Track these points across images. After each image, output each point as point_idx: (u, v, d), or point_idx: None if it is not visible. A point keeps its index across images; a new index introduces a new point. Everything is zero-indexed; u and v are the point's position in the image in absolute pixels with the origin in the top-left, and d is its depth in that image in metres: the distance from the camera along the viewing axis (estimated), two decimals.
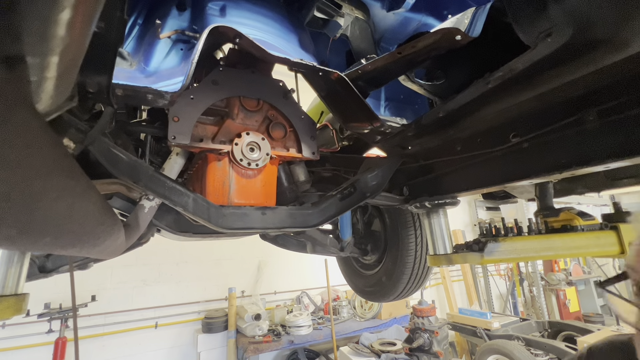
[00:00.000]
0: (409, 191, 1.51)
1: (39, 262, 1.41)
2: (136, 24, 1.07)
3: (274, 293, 5.43)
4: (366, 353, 4.23)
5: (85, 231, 0.62)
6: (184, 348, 4.63)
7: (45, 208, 0.45)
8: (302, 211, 1.28)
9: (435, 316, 4.14)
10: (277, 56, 0.97)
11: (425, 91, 1.16)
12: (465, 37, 0.84)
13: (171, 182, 1.03)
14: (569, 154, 0.89)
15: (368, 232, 2.20)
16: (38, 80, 0.45)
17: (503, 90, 0.90)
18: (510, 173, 1.05)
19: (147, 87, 0.88)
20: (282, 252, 3.27)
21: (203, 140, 1.15)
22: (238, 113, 1.20)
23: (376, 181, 1.36)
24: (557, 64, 0.77)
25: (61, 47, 0.40)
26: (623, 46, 0.66)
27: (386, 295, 2.01)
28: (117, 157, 0.95)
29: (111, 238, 0.78)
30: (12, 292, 0.99)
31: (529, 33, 0.71)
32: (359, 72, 1.08)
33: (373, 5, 1.30)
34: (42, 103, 0.52)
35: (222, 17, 1.08)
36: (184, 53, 1.05)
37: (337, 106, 1.27)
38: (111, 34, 0.60)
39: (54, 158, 0.44)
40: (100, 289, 4.22)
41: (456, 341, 5.75)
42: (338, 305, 5.24)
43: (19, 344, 3.73)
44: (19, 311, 0.98)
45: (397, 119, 1.32)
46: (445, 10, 1.33)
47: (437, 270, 6.76)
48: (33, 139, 0.39)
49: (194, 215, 1.05)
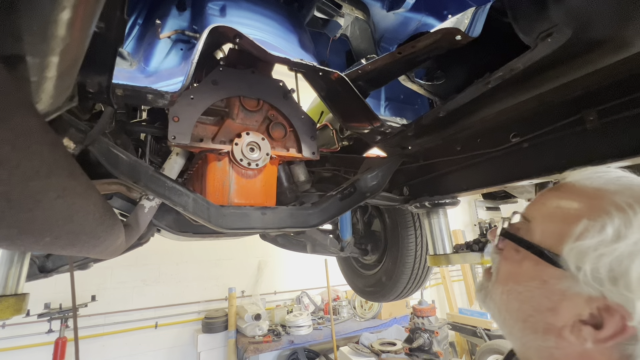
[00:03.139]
0: (409, 191, 1.51)
1: (39, 262, 1.41)
2: (136, 24, 1.07)
3: (274, 293, 5.43)
4: (366, 353, 4.23)
5: (85, 231, 0.62)
6: (184, 348, 4.62)
7: (45, 208, 0.45)
8: (302, 211, 1.28)
9: (435, 316, 4.14)
10: (277, 56, 0.97)
11: (425, 91, 1.16)
12: (465, 37, 0.84)
13: (171, 182, 1.03)
14: (569, 154, 0.89)
15: (368, 232, 2.20)
16: (38, 80, 0.45)
17: (503, 90, 0.90)
18: (510, 173, 1.05)
19: (147, 87, 0.88)
20: (282, 252, 3.27)
21: (203, 140, 1.15)
22: (238, 113, 1.20)
23: (376, 181, 1.36)
24: (557, 64, 0.77)
25: (61, 47, 0.40)
26: (623, 46, 0.67)
27: (386, 295, 2.01)
28: (117, 157, 0.95)
29: (111, 238, 0.77)
30: (12, 292, 0.99)
31: (528, 33, 0.71)
32: (359, 72, 1.08)
33: (373, 5, 1.30)
34: (42, 103, 0.52)
35: (222, 17, 1.08)
36: (184, 53, 1.05)
37: (337, 106, 1.27)
38: (111, 34, 0.60)
39: (54, 158, 0.44)
40: (100, 289, 4.21)
41: (456, 341, 5.75)
42: (338, 305, 5.24)
43: (19, 344, 3.72)
44: (19, 311, 0.98)
45: (397, 119, 1.32)
46: (445, 10, 1.33)
47: (437, 270, 6.75)
48: (33, 139, 0.39)
49: (194, 215, 1.05)
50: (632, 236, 0.44)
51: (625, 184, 0.50)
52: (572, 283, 0.47)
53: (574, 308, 0.47)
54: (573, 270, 0.46)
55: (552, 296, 0.49)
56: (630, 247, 0.43)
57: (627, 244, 0.44)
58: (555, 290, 0.49)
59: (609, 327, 0.44)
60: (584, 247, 0.46)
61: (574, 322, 0.47)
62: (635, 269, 0.42)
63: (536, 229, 0.54)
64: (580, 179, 0.54)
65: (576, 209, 0.50)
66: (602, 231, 0.45)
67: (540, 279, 0.50)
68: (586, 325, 0.45)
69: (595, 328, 0.45)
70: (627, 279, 0.42)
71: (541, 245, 0.51)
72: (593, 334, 0.45)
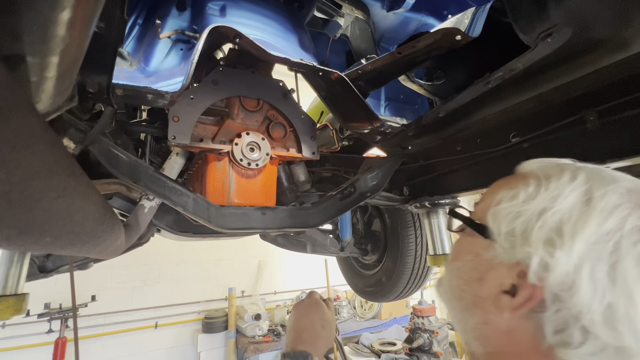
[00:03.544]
0: (409, 191, 1.51)
1: (39, 262, 1.41)
2: (136, 24, 1.07)
3: (274, 293, 5.43)
4: (366, 353, 4.23)
5: (85, 231, 0.62)
6: (184, 348, 4.62)
7: (45, 208, 0.45)
8: (302, 211, 1.28)
9: (435, 316, 4.14)
10: (277, 56, 0.97)
11: (425, 91, 1.16)
12: (465, 37, 0.84)
13: (171, 182, 1.03)
14: (569, 154, 0.88)
15: (368, 232, 2.20)
16: (38, 80, 0.45)
17: (503, 90, 0.90)
18: (510, 173, 1.04)
19: (147, 87, 0.88)
20: (282, 252, 3.27)
21: (203, 140, 1.15)
22: (238, 113, 1.20)
23: (376, 181, 1.36)
24: (557, 64, 0.77)
25: (61, 47, 0.40)
26: (623, 46, 0.67)
27: (386, 295, 2.01)
28: (117, 157, 0.95)
29: (111, 238, 0.77)
30: (12, 292, 0.99)
31: (528, 33, 0.71)
32: (359, 72, 1.08)
33: (373, 5, 1.30)
34: (42, 103, 0.52)
35: (222, 17, 1.08)
36: (184, 53, 1.05)
37: (337, 106, 1.27)
38: (111, 34, 0.60)
39: (54, 158, 0.44)
40: (100, 289, 4.21)
41: (456, 341, 5.75)
42: (338, 305, 5.24)
43: (19, 344, 3.72)
44: (19, 311, 0.98)
45: (397, 119, 1.32)
46: (445, 10, 1.32)
47: (437, 270, 6.75)
48: (33, 139, 0.39)
49: (194, 215, 1.05)
50: (541, 197, 0.45)
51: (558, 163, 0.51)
52: (497, 252, 0.47)
53: (497, 278, 0.46)
54: (496, 237, 0.47)
55: (480, 267, 0.49)
56: (541, 206, 0.44)
57: (537, 204, 0.44)
58: (483, 260, 0.49)
59: (521, 294, 0.43)
60: (499, 210, 0.48)
61: (497, 293, 0.46)
62: (540, 226, 0.42)
63: (477, 207, 0.56)
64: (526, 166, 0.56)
65: (504, 183, 0.53)
66: (516, 196, 0.47)
67: (474, 252, 0.51)
68: (505, 295, 0.45)
69: (513, 297, 0.44)
70: (531, 237, 0.43)
71: (473, 218, 0.53)
72: (509, 303, 0.44)
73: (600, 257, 0.38)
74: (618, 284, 0.37)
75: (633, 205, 0.40)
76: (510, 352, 0.45)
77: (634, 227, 0.39)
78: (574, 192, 0.43)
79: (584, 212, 0.41)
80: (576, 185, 0.43)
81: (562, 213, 0.42)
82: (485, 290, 0.47)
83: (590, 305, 0.37)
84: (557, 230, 0.41)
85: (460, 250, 0.55)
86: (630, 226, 0.39)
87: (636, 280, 0.37)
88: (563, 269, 0.39)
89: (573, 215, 0.41)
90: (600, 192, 0.42)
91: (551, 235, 0.41)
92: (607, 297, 0.37)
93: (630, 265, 0.37)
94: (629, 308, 0.37)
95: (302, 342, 0.86)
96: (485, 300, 0.47)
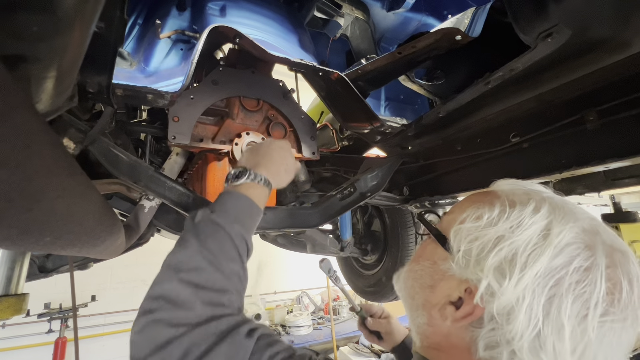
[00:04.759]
0: (409, 191, 1.51)
1: (39, 262, 1.41)
2: (136, 24, 1.07)
3: (274, 293, 5.43)
4: (366, 353, 4.23)
5: (85, 231, 0.62)
6: None
7: (45, 208, 0.45)
8: (302, 211, 1.28)
9: None
10: (277, 56, 0.97)
11: (425, 91, 1.16)
12: (465, 37, 0.84)
13: (171, 182, 1.03)
14: (569, 154, 0.89)
15: (368, 232, 2.20)
16: (38, 80, 0.45)
17: (503, 91, 0.90)
18: (510, 173, 1.04)
19: (147, 87, 0.87)
20: (282, 252, 3.27)
21: (203, 140, 1.15)
22: (238, 113, 1.20)
23: (376, 181, 1.36)
24: (557, 64, 0.77)
25: (61, 47, 0.40)
26: (623, 46, 0.67)
27: (386, 295, 2.01)
28: (117, 157, 0.95)
29: (111, 238, 0.78)
30: (12, 292, 0.99)
31: (528, 33, 0.71)
32: (359, 72, 1.08)
33: (373, 5, 1.30)
34: (42, 103, 0.52)
35: (222, 17, 1.08)
36: (184, 53, 1.05)
37: (337, 106, 1.27)
38: (111, 34, 0.60)
39: (54, 158, 0.44)
40: (100, 289, 4.22)
41: None
42: (338, 305, 5.24)
43: (19, 344, 3.73)
44: (19, 311, 0.98)
45: (397, 119, 1.32)
46: (445, 10, 1.33)
47: None
48: (33, 139, 0.39)
49: None
50: (502, 225, 0.47)
51: (527, 190, 0.54)
52: (452, 266, 0.50)
53: (447, 289, 0.51)
54: (455, 252, 0.50)
55: (435, 275, 0.54)
56: (499, 233, 0.46)
57: (496, 230, 0.47)
58: (439, 270, 0.53)
59: (464, 309, 0.47)
60: (462, 229, 0.51)
61: (444, 302, 0.50)
62: (495, 253, 0.45)
63: (444, 218, 0.59)
64: (500, 185, 0.59)
65: (475, 199, 0.55)
66: (480, 218, 0.50)
67: (432, 260, 0.55)
68: (451, 306, 0.49)
69: (457, 309, 0.48)
70: (485, 262, 0.45)
71: (439, 228, 0.57)
72: (453, 314, 0.48)
73: (542, 291, 0.41)
74: (551, 317, 0.40)
75: (584, 246, 0.43)
76: (444, 352, 0.51)
77: (579, 267, 0.41)
78: (534, 225, 0.45)
79: (540, 245, 0.43)
80: (538, 219, 0.46)
81: (518, 245, 0.44)
82: (435, 298, 0.52)
83: (522, 334, 0.40)
84: (510, 261, 0.43)
85: (422, 254, 0.59)
86: (576, 265, 0.41)
87: (570, 317, 0.39)
88: (507, 298, 0.42)
89: (528, 247, 0.43)
90: (557, 229, 0.44)
91: (503, 265, 0.44)
92: (537, 327, 0.40)
93: (568, 302, 0.39)
94: (556, 341, 0.39)
95: (258, 166, 0.79)
96: (433, 307, 0.52)
